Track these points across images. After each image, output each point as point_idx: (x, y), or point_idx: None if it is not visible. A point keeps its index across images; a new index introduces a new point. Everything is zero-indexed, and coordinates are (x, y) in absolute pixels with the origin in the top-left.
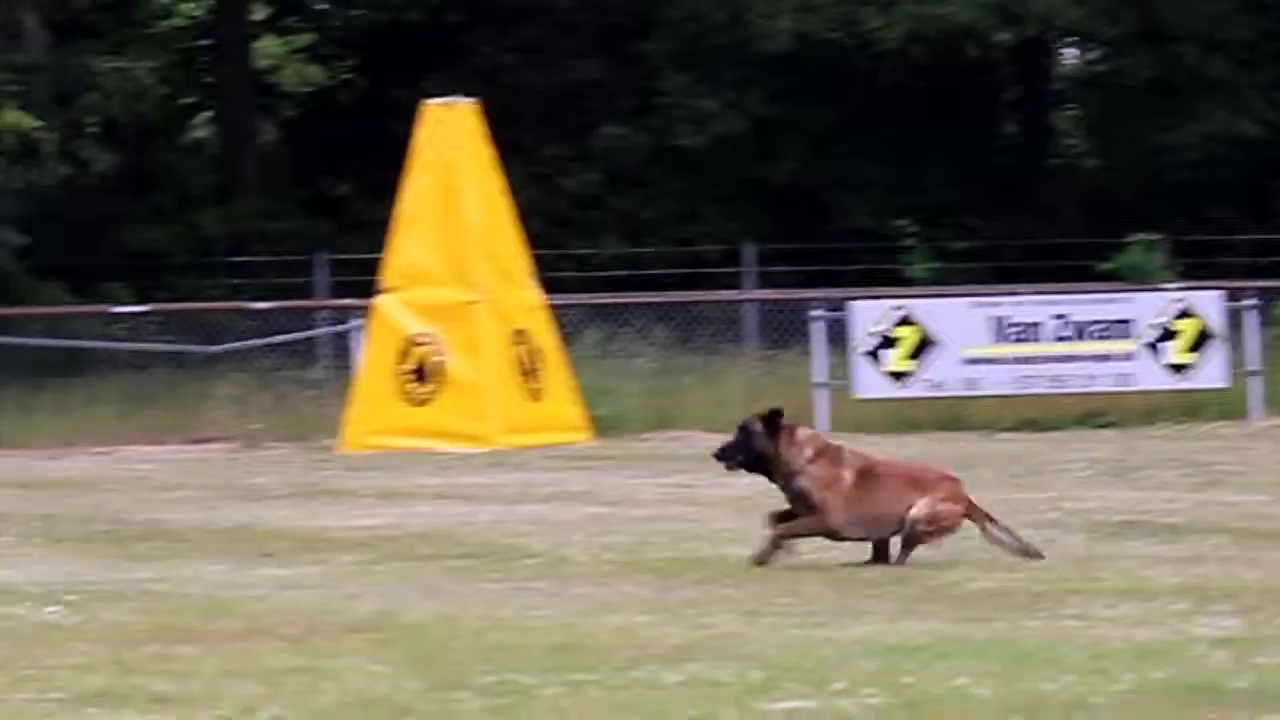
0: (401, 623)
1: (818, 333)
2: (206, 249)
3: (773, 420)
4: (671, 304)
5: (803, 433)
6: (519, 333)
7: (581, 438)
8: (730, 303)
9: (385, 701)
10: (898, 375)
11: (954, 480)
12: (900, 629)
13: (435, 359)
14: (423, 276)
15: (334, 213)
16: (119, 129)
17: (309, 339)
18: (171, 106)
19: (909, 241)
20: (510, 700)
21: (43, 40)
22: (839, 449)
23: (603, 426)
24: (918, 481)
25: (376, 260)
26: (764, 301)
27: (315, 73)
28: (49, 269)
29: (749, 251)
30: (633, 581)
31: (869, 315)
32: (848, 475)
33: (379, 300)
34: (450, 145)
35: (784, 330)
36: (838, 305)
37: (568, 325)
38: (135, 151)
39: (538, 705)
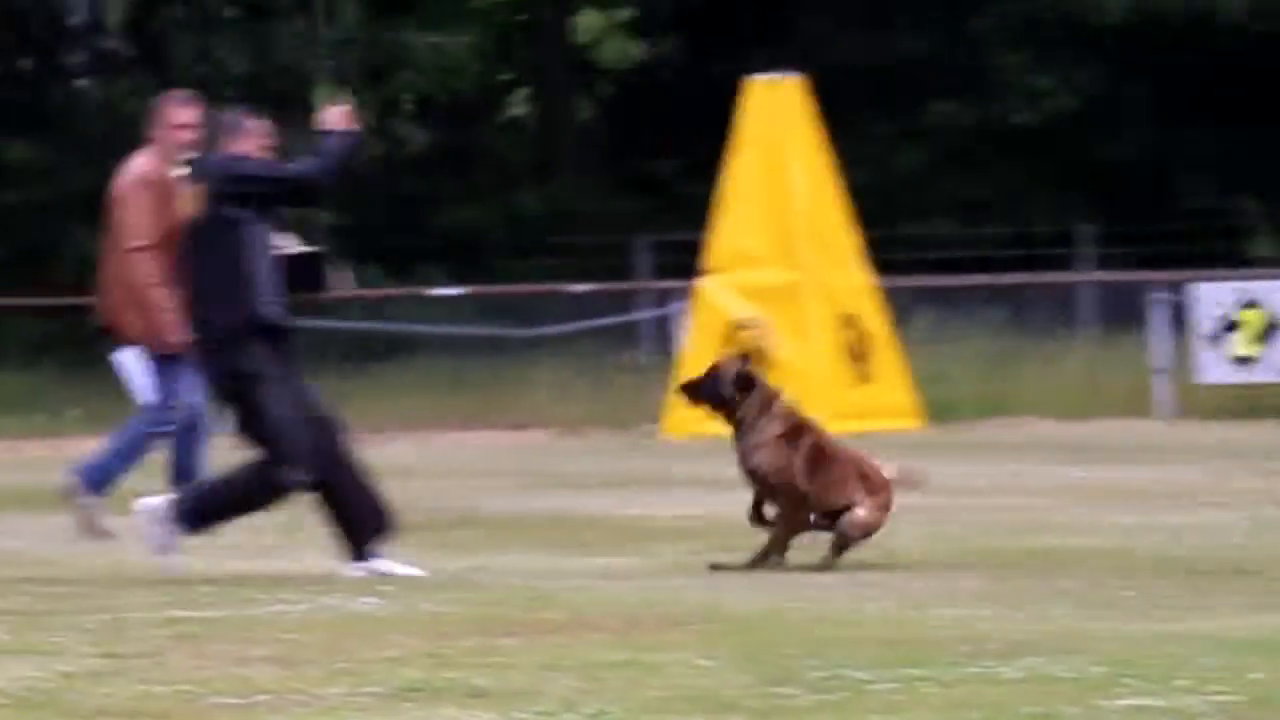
0: (727, 615)
1: (1158, 316)
2: (524, 230)
3: (744, 377)
4: (1005, 286)
5: (780, 405)
6: (848, 316)
7: (912, 424)
8: (1066, 285)
9: (711, 697)
10: (1242, 360)
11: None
12: (1248, 623)
13: (761, 343)
14: (747, 258)
15: (655, 192)
16: (434, 106)
17: (629, 323)
18: (488, 83)
19: (1253, 221)
20: (841, 696)
21: (356, 15)
22: (800, 428)
23: (934, 413)
24: (867, 480)
25: (699, 241)
26: (1101, 284)
27: (636, 48)
28: (364, 250)
29: (1084, 232)
30: (967, 573)
31: (1211, 298)
32: (798, 461)
33: (702, 283)
34: (775, 122)
35: (1122, 313)
36: (1178, 287)
37: (898, 308)
38: (451, 129)
39: (870, 701)
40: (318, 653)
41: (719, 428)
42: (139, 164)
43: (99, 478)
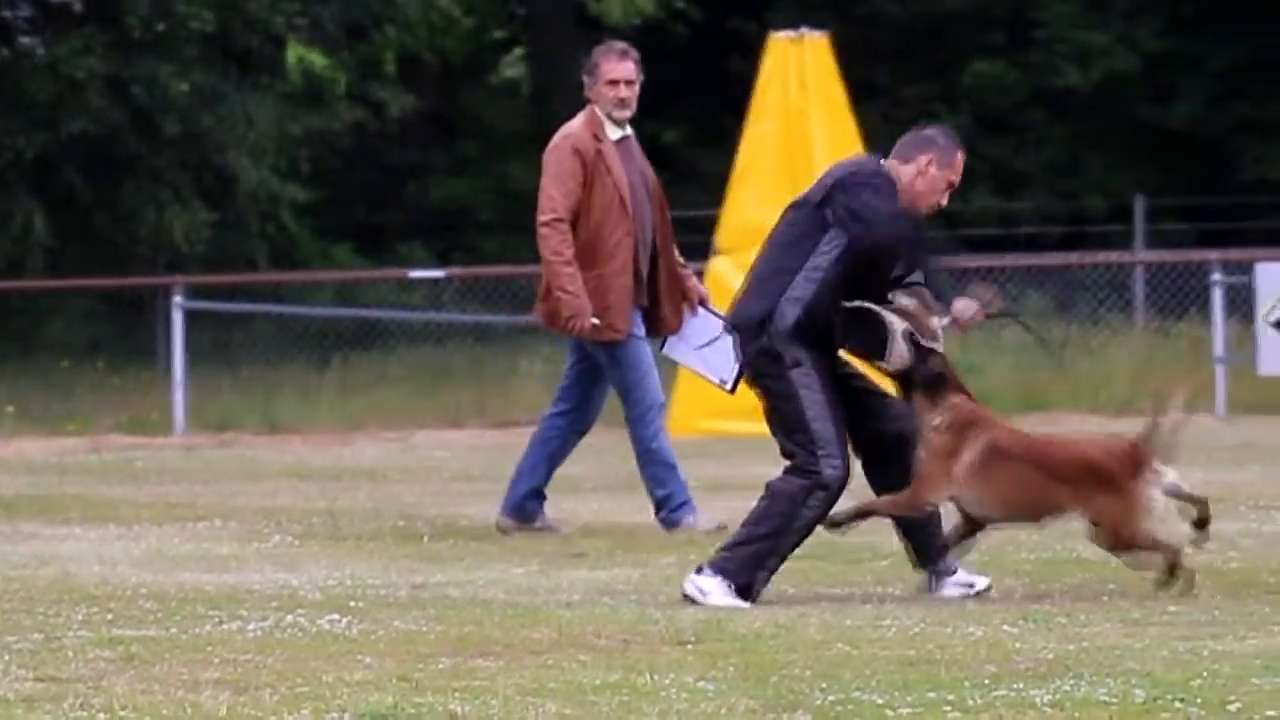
0: (730, 633)
1: (1218, 300)
2: (515, 206)
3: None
4: (1049, 267)
5: (955, 398)
6: None
7: None
8: (1117, 265)
9: None
10: None
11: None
12: None
13: None
14: (763, 236)
15: (662, 163)
16: (419, 68)
17: None
18: (480, 42)
19: None
20: None
21: None
22: (977, 421)
23: None
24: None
25: (710, 218)
26: (1156, 264)
27: (645, 3)
28: (337, 228)
29: (1139, 206)
30: (998, 586)
31: (1279, 279)
32: (970, 453)
33: (712, 263)
34: (797, 85)
35: (1179, 297)
36: (1243, 267)
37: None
38: (438, 93)
39: None
40: (276, 676)
41: (724, 426)
42: (569, 127)
43: (524, 496)
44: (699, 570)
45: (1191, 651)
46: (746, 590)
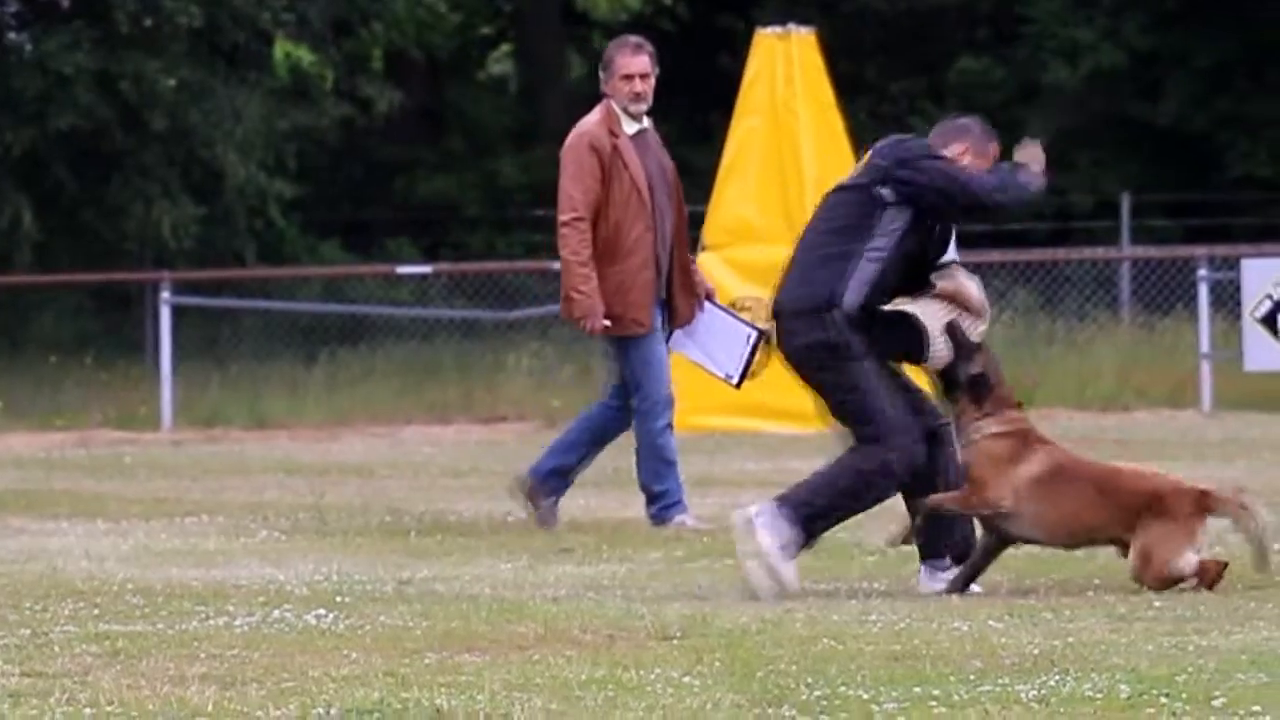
0: (717, 629)
1: (1204, 295)
2: (503, 201)
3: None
4: (1035, 263)
5: (1012, 412)
6: None
7: None
8: (1103, 261)
9: (697, 718)
10: None
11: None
12: None
13: (762, 327)
14: (749, 232)
15: None
16: (407, 64)
17: None
18: (467, 38)
19: None
20: (841, 717)
21: None
22: (1040, 439)
23: None
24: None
25: (697, 213)
26: (1142, 260)
27: None
28: (324, 224)
29: (1125, 202)
30: (983, 582)
31: (1265, 275)
32: (1034, 467)
33: (699, 259)
34: (784, 81)
35: (1165, 293)
36: (1229, 263)
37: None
38: (424, 90)
39: None
40: (262, 671)
41: (716, 423)
42: (585, 124)
43: (549, 472)
44: (758, 515)
45: (1177, 647)
46: (804, 542)
